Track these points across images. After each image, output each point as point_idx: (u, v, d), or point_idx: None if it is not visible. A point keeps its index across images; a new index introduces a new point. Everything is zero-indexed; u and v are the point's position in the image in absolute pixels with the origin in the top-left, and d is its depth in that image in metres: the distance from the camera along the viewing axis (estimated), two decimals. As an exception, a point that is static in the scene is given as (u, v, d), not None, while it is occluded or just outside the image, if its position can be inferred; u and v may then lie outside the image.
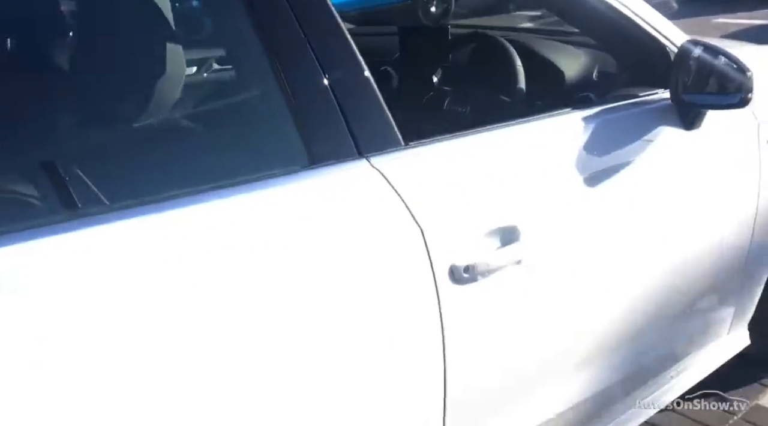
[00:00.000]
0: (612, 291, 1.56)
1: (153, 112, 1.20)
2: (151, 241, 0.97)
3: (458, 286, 1.23)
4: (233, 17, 1.21)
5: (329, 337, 1.10)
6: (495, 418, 1.42)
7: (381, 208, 1.17)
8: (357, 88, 1.22)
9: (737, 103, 1.53)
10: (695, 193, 1.71)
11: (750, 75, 1.50)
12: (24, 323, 0.85)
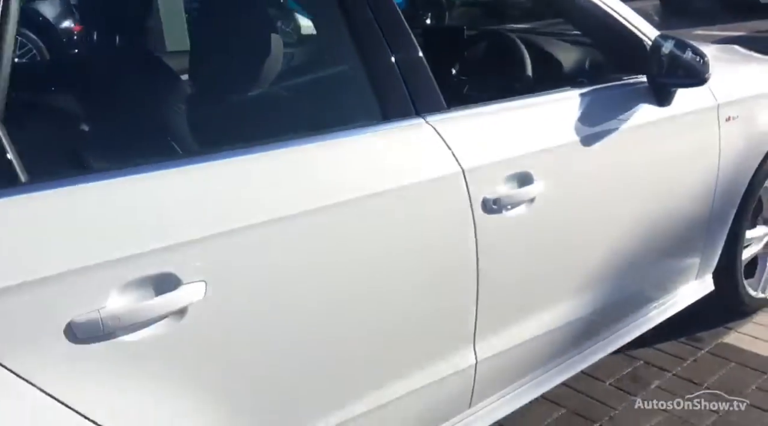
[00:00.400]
0: (601, 232, 1.99)
1: (277, 80, 1.65)
2: (288, 164, 1.40)
3: (488, 214, 1.65)
4: (330, 14, 1.65)
5: (405, 248, 1.53)
6: (506, 328, 1.83)
7: (434, 152, 1.59)
8: (415, 66, 1.64)
9: (699, 82, 1.97)
10: (668, 159, 2.14)
11: (707, 60, 1.94)
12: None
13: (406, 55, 1.63)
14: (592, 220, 1.93)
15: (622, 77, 2.06)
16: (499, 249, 1.70)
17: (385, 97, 1.59)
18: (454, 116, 1.67)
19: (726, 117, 2.27)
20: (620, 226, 2.03)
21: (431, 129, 1.61)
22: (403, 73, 1.60)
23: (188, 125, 1.69)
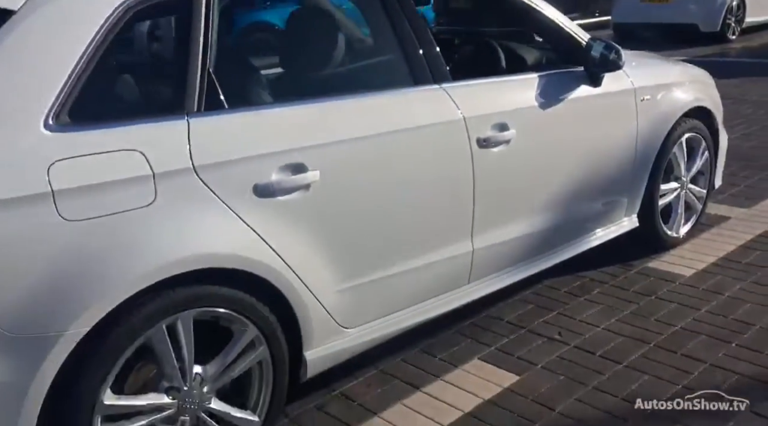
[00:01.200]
0: (557, 168, 2.93)
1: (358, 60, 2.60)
2: (368, 106, 2.34)
3: (480, 148, 2.57)
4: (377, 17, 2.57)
5: (430, 161, 2.45)
6: (493, 229, 2.74)
7: (445, 106, 2.51)
8: (433, 54, 2.57)
9: (616, 68, 2.94)
10: (600, 124, 3.09)
11: (621, 53, 2.91)
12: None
13: (429, 47, 2.56)
14: (550, 160, 2.88)
15: (567, 67, 3.02)
16: (487, 173, 2.62)
17: (416, 72, 2.52)
18: (457, 85, 2.60)
19: (641, 98, 3.24)
20: (569, 167, 2.97)
21: (444, 92, 2.53)
22: (427, 58, 2.53)
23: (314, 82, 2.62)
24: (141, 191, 1.83)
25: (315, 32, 2.67)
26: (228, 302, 1.99)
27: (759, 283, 3.26)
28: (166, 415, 1.95)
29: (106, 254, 1.76)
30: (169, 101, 1.98)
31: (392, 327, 2.50)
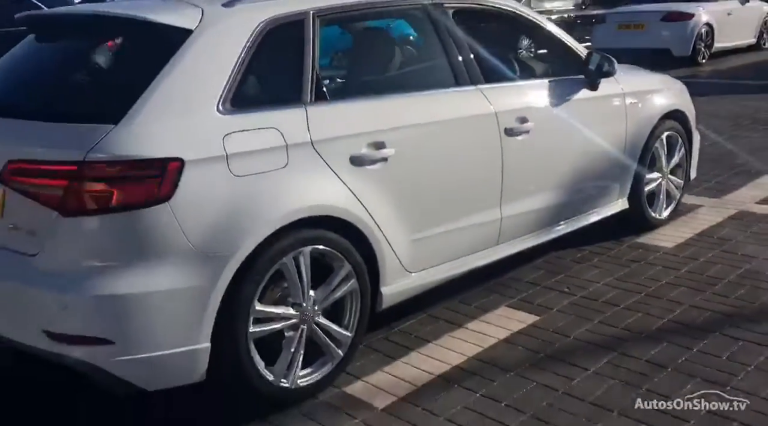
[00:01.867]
0: (564, 155, 3.66)
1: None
2: (428, 99, 3.08)
3: (508, 136, 3.30)
4: (430, 34, 3.31)
5: (473, 144, 3.18)
6: (517, 201, 3.45)
7: (481, 103, 3.25)
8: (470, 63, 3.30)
9: (610, 75, 3.70)
10: (597, 121, 3.84)
11: (614, 61, 3.67)
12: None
13: (467, 56, 3.30)
14: (560, 147, 3.62)
15: (570, 75, 3.77)
16: (512, 156, 3.34)
17: (458, 76, 3.25)
18: (489, 86, 3.34)
19: (629, 101, 4.00)
20: (574, 154, 3.71)
21: (479, 91, 3.27)
22: (465, 65, 3.27)
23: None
24: (278, 157, 2.53)
25: (389, 44, 3.40)
26: (332, 244, 2.68)
27: (727, 251, 4.00)
28: (291, 323, 2.62)
29: (258, 201, 2.46)
30: (292, 94, 2.68)
31: (442, 274, 3.21)
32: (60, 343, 2.27)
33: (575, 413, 2.58)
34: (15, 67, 2.93)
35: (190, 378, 2.42)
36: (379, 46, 3.38)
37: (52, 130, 2.40)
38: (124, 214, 2.27)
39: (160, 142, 2.31)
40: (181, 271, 2.31)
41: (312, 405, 2.69)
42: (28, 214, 2.35)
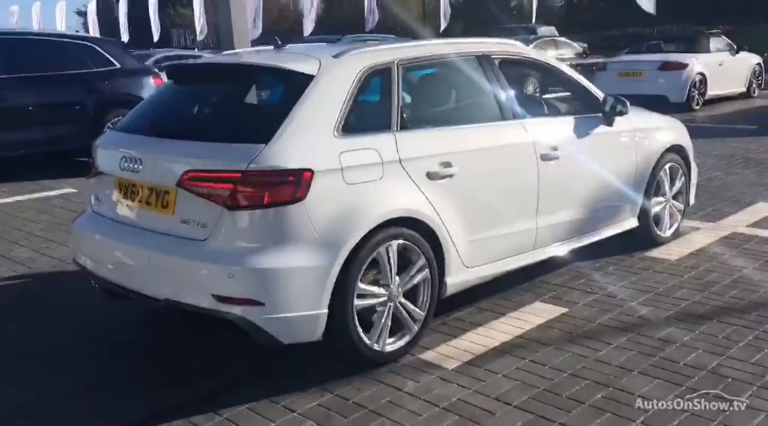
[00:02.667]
0: (586, 179, 4.45)
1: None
2: (483, 130, 3.88)
3: (542, 161, 4.09)
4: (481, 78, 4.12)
5: (517, 166, 3.97)
6: (549, 214, 4.22)
7: (522, 133, 4.04)
8: (512, 99, 4.12)
9: (623, 114, 4.52)
10: (612, 151, 4.64)
11: (627, 102, 4.49)
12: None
13: (510, 95, 4.11)
14: (582, 172, 4.40)
15: (591, 113, 4.58)
16: (545, 177, 4.12)
17: (504, 111, 4.05)
18: (528, 120, 4.14)
19: (638, 137, 4.81)
20: (595, 177, 4.49)
21: (521, 124, 4.07)
22: (510, 103, 4.08)
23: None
24: (376, 171, 3.31)
25: (452, 85, 4.20)
26: (412, 239, 3.44)
27: (721, 263, 4.76)
28: (381, 300, 3.36)
29: (363, 204, 3.23)
30: (384, 123, 3.48)
31: (491, 270, 3.96)
32: (225, 303, 3.03)
33: (604, 372, 3.30)
34: (173, 101, 3.79)
35: (312, 336, 3.15)
36: (445, 87, 4.18)
37: (219, 148, 3.19)
38: (272, 209, 3.04)
39: (298, 157, 3.09)
40: (310, 253, 3.07)
41: (395, 366, 3.42)
42: (199, 210, 3.13)
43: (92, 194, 3.80)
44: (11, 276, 5.05)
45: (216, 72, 3.91)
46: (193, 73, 4.02)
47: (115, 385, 3.39)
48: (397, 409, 3.04)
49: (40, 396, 3.29)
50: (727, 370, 3.26)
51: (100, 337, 3.99)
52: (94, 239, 3.64)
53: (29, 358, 3.72)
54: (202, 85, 3.91)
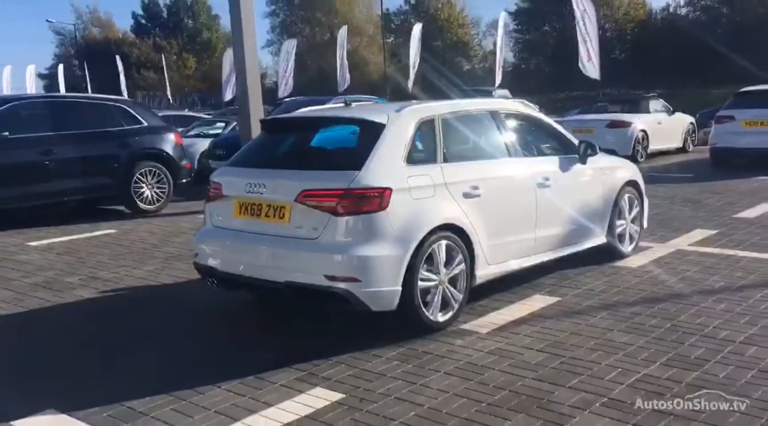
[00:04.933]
0: (568, 203, 5.89)
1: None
2: (501, 166, 5.30)
3: (538, 189, 5.53)
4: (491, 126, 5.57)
5: (525, 190, 5.40)
6: (544, 228, 5.64)
7: (523, 167, 5.50)
8: (515, 141, 5.57)
9: (595, 154, 6.02)
10: (586, 183, 6.12)
11: (596, 147, 6.00)
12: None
13: (513, 139, 5.56)
14: (567, 198, 5.85)
15: (569, 154, 6.06)
16: (541, 201, 5.56)
17: (510, 151, 5.50)
18: (527, 158, 5.59)
19: (603, 172, 6.31)
20: (574, 203, 5.94)
21: (523, 161, 5.53)
22: (513, 145, 5.53)
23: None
24: (430, 191, 4.68)
25: (475, 131, 5.59)
26: (454, 240, 4.78)
27: (671, 268, 6.22)
28: (434, 284, 4.69)
29: (423, 213, 4.58)
30: (432, 157, 4.87)
31: (505, 268, 5.32)
32: (334, 281, 4.33)
33: (594, 333, 4.64)
34: (277, 142, 5.13)
35: (391, 306, 4.45)
36: (470, 132, 5.58)
37: (324, 174, 4.54)
38: (365, 216, 4.38)
39: (381, 179, 4.45)
40: (391, 245, 4.40)
41: (444, 332, 4.72)
42: (310, 218, 4.44)
43: (212, 213, 5.08)
44: (111, 289, 6.21)
45: (310, 121, 5.31)
46: (289, 123, 5.40)
47: (229, 352, 4.62)
48: (454, 354, 4.34)
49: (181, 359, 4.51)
50: (681, 330, 4.67)
51: (205, 323, 5.22)
52: (222, 245, 4.92)
53: (155, 337, 4.92)
54: (299, 130, 5.30)
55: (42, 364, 4.51)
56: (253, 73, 10.30)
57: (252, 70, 10.26)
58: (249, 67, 10.19)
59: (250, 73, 10.25)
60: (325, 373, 4.10)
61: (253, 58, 10.39)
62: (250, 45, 10.22)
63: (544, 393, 3.70)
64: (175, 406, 3.74)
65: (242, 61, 10.17)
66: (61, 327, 5.28)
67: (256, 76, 10.35)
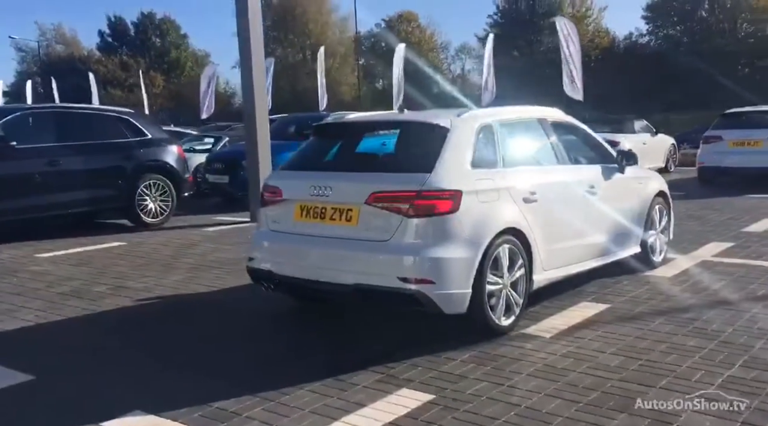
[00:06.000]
0: (608, 215, 5.94)
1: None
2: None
3: (588, 195, 5.59)
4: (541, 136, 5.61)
5: (573, 199, 5.44)
6: (593, 235, 5.68)
7: (573, 174, 5.55)
8: (561, 151, 5.62)
9: (634, 164, 6.10)
10: (625, 192, 6.20)
11: (636, 158, 6.09)
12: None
13: (559, 150, 5.61)
14: (609, 207, 5.89)
15: (608, 163, 6.13)
16: (589, 208, 5.62)
17: (559, 158, 5.54)
18: (572, 166, 5.64)
19: (639, 182, 6.40)
20: (615, 212, 5.99)
21: (569, 167, 5.57)
22: (562, 152, 5.58)
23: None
24: (494, 194, 4.69)
25: (529, 138, 5.59)
26: (515, 245, 4.79)
27: (708, 277, 6.31)
28: (499, 287, 4.67)
29: (491, 216, 4.59)
30: (491, 161, 4.88)
31: (558, 274, 5.33)
32: (408, 283, 4.28)
33: (660, 339, 4.68)
34: (337, 146, 5.09)
35: (461, 308, 4.42)
36: (524, 139, 5.60)
37: (395, 177, 4.52)
38: (438, 218, 4.36)
39: (453, 182, 4.45)
40: (462, 248, 4.38)
41: (509, 336, 4.71)
42: (381, 220, 4.40)
43: (268, 218, 5.00)
44: (145, 297, 6.06)
45: (369, 125, 5.33)
46: (347, 128, 5.41)
47: (292, 354, 4.53)
48: (527, 357, 4.32)
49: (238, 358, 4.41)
50: (746, 334, 4.72)
51: (259, 327, 5.12)
52: (283, 249, 4.84)
53: (213, 341, 4.82)
54: (358, 135, 5.29)
55: (113, 367, 4.39)
56: (259, 89, 10.29)
57: (259, 85, 10.24)
58: (256, 82, 10.18)
59: (258, 89, 10.24)
60: (405, 375, 4.04)
61: (261, 74, 10.39)
62: (258, 60, 10.23)
63: (636, 393, 3.68)
64: (265, 406, 3.65)
65: (250, 77, 10.16)
66: (113, 332, 5.15)
67: (262, 91, 10.34)
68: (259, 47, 10.29)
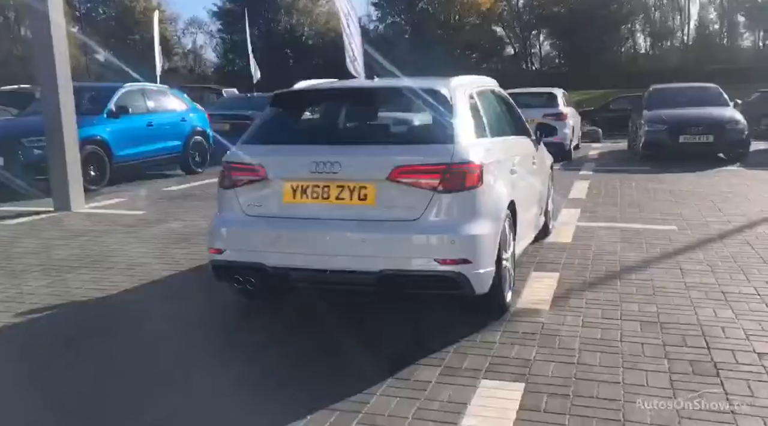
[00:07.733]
0: (536, 192, 6.02)
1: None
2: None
3: (511, 176, 5.52)
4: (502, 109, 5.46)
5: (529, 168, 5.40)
6: (535, 207, 5.71)
7: (528, 146, 5.51)
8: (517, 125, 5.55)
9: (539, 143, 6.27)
10: (537, 165, 6.30)
11: (556, 129, 6.22)
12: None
13: (512, 122, 5.54)
14: (540, 179, 5.98)
15: (528, 136, 6.20)
16: (536, 179, 5.65)
17: (517, 130, 5.48)
18: (518, 138, 5.61)
19: (543, 154, 6.59)
20: (542, 185, 6.09)
21: (526, 139, 5.54)
22: (516, 126, 5.52)
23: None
24: (496, 167, 4.44)
25: (502, 108, 5.39)
26: (509, 218, 4.58)
27: (586, 234, 6.71)
28: (506, 264, 4.43)
29: (500, 191, 4.38)
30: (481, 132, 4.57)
31: (520, 247, 5.25)
32: (444, 264, 3.86)
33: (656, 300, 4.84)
34: (334, 116, 4.45)
35: (486, 288, 4.10)
36: (492, 109, 5.26)
37: (419, 149, 4.08)
38: (467, 192, 3.99)
39: (476, 154, 4.10)
40: (490, 223, 4.09)
41: (515, 312, 4.51)
42: (405, 197, 3.92)
43: (242, 201, 4.21)
44: (29, 310, 4.85)
45: (366, 93, 4.75)
46: (336, 95, 4.83)
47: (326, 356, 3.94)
48: (559, 331, 4.15)
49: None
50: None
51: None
52: (272, 236, 4.11)
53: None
54: (353, 103, 4.68)
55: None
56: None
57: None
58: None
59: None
60: (464, 366, 3.67)
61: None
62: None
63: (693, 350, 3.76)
64: (359, 419, 3.08)
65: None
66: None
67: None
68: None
